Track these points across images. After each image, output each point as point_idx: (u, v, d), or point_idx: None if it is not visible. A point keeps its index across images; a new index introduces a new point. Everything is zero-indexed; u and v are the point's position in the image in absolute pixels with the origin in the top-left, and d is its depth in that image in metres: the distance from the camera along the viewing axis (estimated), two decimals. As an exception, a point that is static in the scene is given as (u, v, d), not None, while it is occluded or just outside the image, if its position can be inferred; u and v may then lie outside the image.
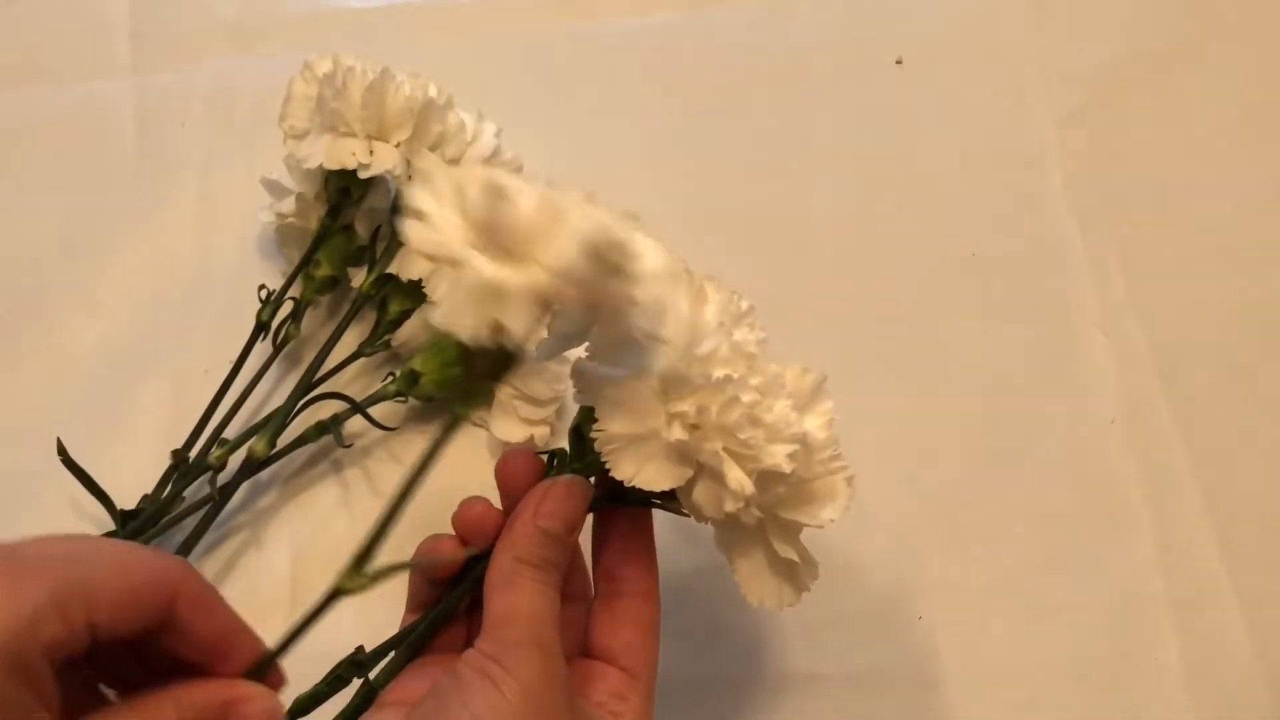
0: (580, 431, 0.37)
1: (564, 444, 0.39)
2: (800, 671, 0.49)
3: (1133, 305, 0.56)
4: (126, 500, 0.49)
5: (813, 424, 0.36)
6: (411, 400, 0.50)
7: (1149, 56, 0.62)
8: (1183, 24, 0.63)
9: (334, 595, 0.32)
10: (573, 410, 0.45)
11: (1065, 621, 0.50)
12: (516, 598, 0.35)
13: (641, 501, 0.38)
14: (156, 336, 0.55)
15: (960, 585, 0.51)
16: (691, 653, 0.49)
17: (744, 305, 0.36)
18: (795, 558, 0.36)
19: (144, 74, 0.60)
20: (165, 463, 0.50)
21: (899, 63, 0.61)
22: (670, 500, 0.37)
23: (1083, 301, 0.56)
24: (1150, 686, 0.49)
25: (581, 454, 0.37)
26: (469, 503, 0.38)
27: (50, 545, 0.32)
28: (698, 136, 0.60)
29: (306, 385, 0.49)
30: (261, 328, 0.51)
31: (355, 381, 0.53)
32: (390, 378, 0.50)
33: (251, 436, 0.48)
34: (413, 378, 0.49)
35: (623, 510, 0.38)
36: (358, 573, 0.32)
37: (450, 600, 0.38)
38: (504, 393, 0.49)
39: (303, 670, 0.36)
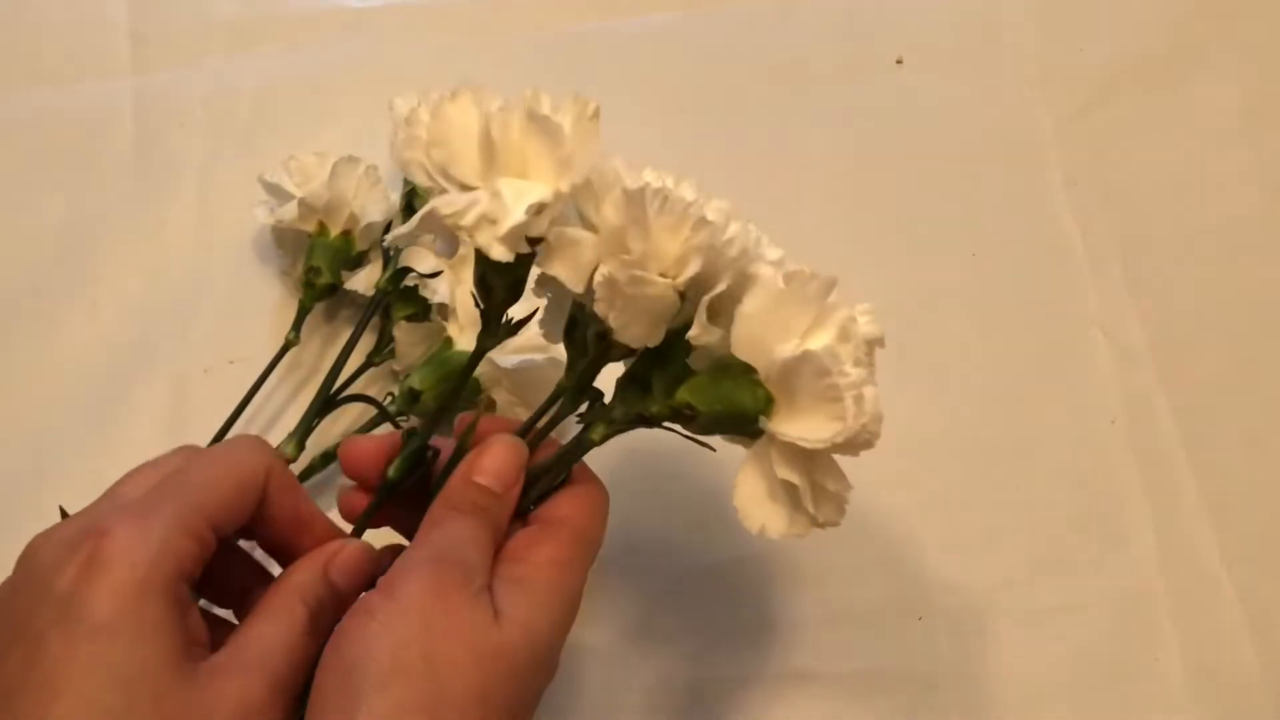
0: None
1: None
2: (800, 671, 0.49)
3: (1133, 305, 0.56)
4: (126, 500, 0.49)
5: (823, 338, 0.34)
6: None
7: (1149, 56, 0.62)
8: (1183, 24, 0.63)
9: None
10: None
11: (1065, 621, 0.50)
12: (434, 530, 0.35)
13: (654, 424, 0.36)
14: (156, 336, 0.54)
15: (960, 585, 0.51)
16: (691, 653, 0.49)
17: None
18: (795, 480, 0.33)
19: (144, 74, 0.60)
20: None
21: (899, 63, 0.61)
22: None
23: (1083, 301, 0.56)
24: (1150, 686, 0.49)
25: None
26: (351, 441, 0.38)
27: (147, 474, 0.35)
28: (698, 136, 0.60)
29: (327, 390, 0.49)
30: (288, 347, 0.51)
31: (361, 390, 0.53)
32: (389, 398, 0.49)
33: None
34: (413, 396, 0.49)
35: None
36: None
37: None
38: (502, 399, 0.49)
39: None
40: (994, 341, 0.55)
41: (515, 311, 0.37)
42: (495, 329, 0.37)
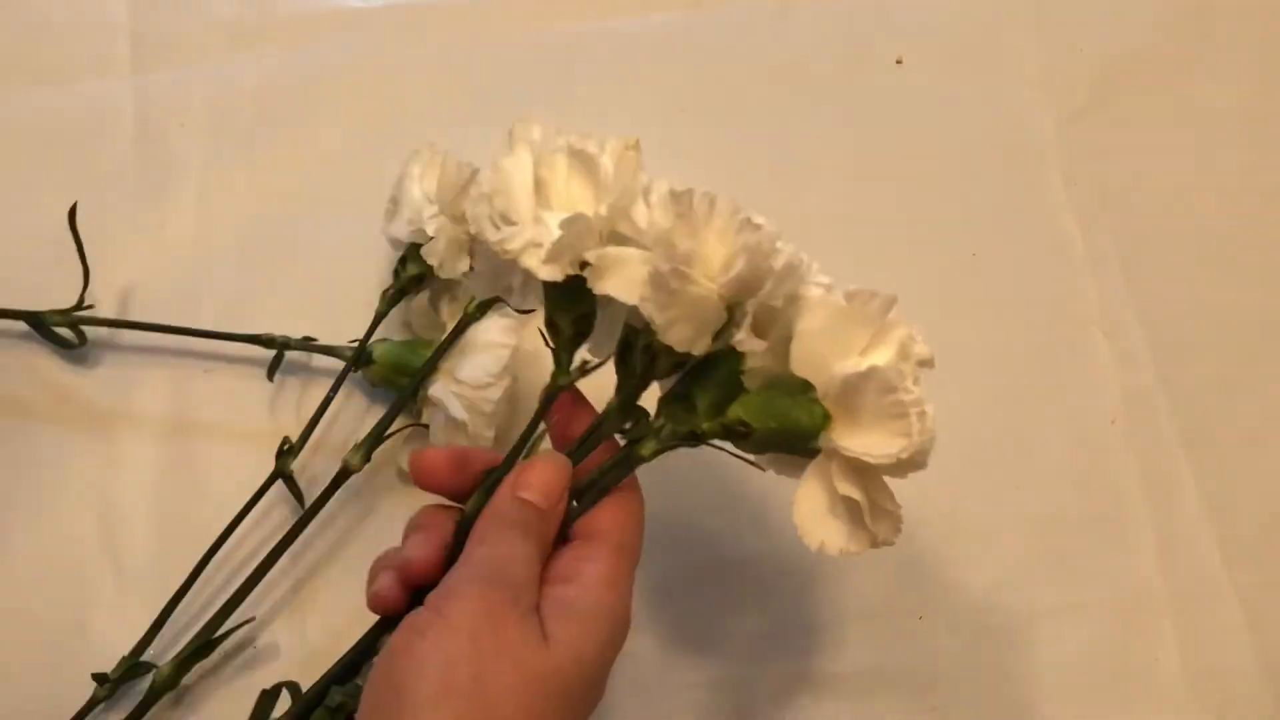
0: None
1: None
2: (800, 671, 0.49)
3: (1133, 305, 0.56)
4: (126, 498, 0.49)
5: (885, 355, 0.34)
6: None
7: (1149, 56, 0.62)
8: (1183, 24, 0.62)
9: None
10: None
11: (1065, 621, 0.50)
12: (480, 547, 0.35)
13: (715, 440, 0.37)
14: (155, 336, 0.54)
15: (960, 585, 0.51)
16: (691, 652, 0.49)
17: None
18: (856, 496, 0.34)
19: (144, 74, 0.60)
20: (165, 464, 0.50)
21: (899, 63, 0.61)
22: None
23: (1083, 301, 0.56)
24: (1150, 686, 0.49)
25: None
26: (427, 453, 0.39)
27: None
28: (698, 136, 0.60)
29: (401, 402, 0.49)
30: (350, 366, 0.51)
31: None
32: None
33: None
34: (366, 359, 0.50)
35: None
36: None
37: None
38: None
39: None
40: (994, 341, 0.55)
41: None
42: (566, 366, 0.38)
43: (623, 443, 0.37)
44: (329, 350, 0.52)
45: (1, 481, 0.52)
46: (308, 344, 0.52)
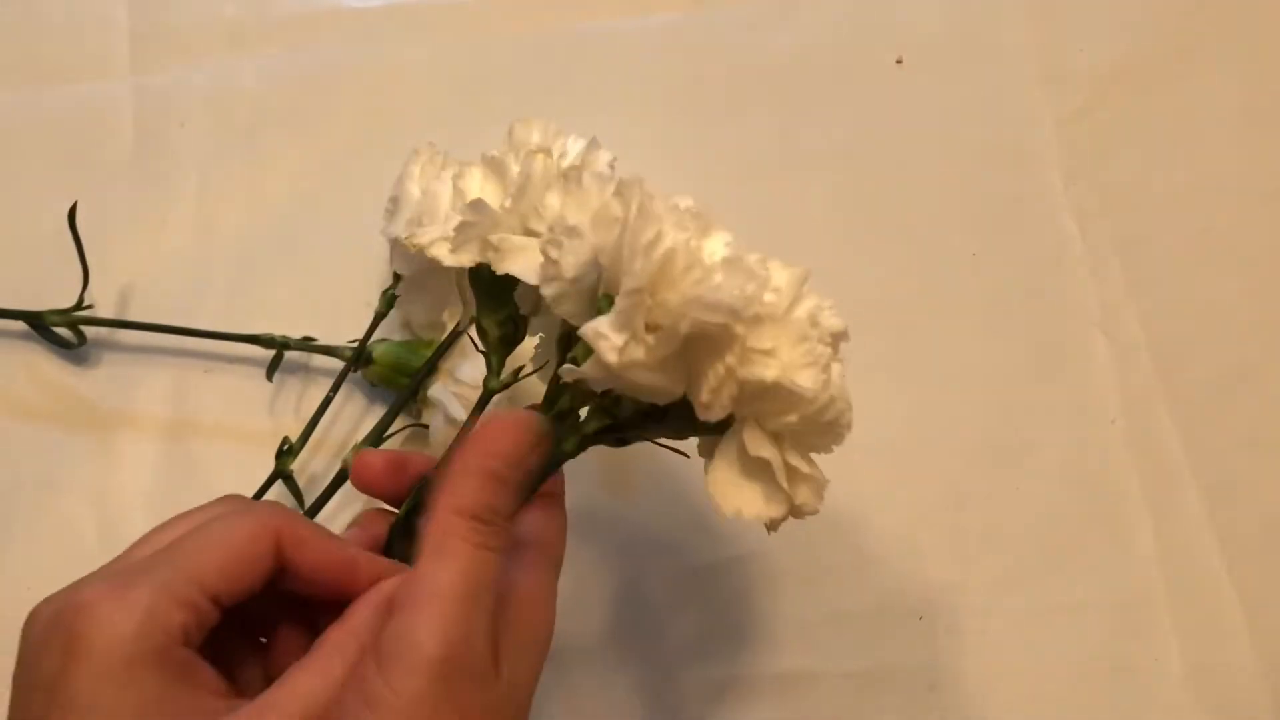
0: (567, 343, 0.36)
1: None
2: (800, 671, 0.49)
3: (1133, 305, 0.56)
4: (126, 498, 0.49)
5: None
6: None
7: (1149, 56, 0.62)
8: (1183, 24, 0.62)
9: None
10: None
11: (1065, 621, 0.50)
12: (443, 571, 0.30)
13: (639, 432, 0.36)
14: (155, 336, 0.54)
15: (960, 585, 0.51)
16: (690, 652, 0.49)
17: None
18: (767, 455, 0.33)
19: (144, 74, 0.60)
20: (165, 464, 0.50)
21: (899, 63, 0.61)
22: (671, 424, 0.35)
23: (1083, 301, 0.56)
24: (1150, 686, 0.49)
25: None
26: (363, 456, 0.37)
27: (146, 544, 0.33)
28: (697, 136, 0.60)
29: (401, 402, 0.49)
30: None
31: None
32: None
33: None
34: (366, 359, 0.49)
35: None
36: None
37: None
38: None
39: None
40: (994, 341, 0.55)
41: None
42: (496, 370, 0.38)
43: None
44: (329, 350, 0.52)
45: (1, 481, 0.52)
46: (308, 344, 0.52)
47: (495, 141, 0.42)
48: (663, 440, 0.37)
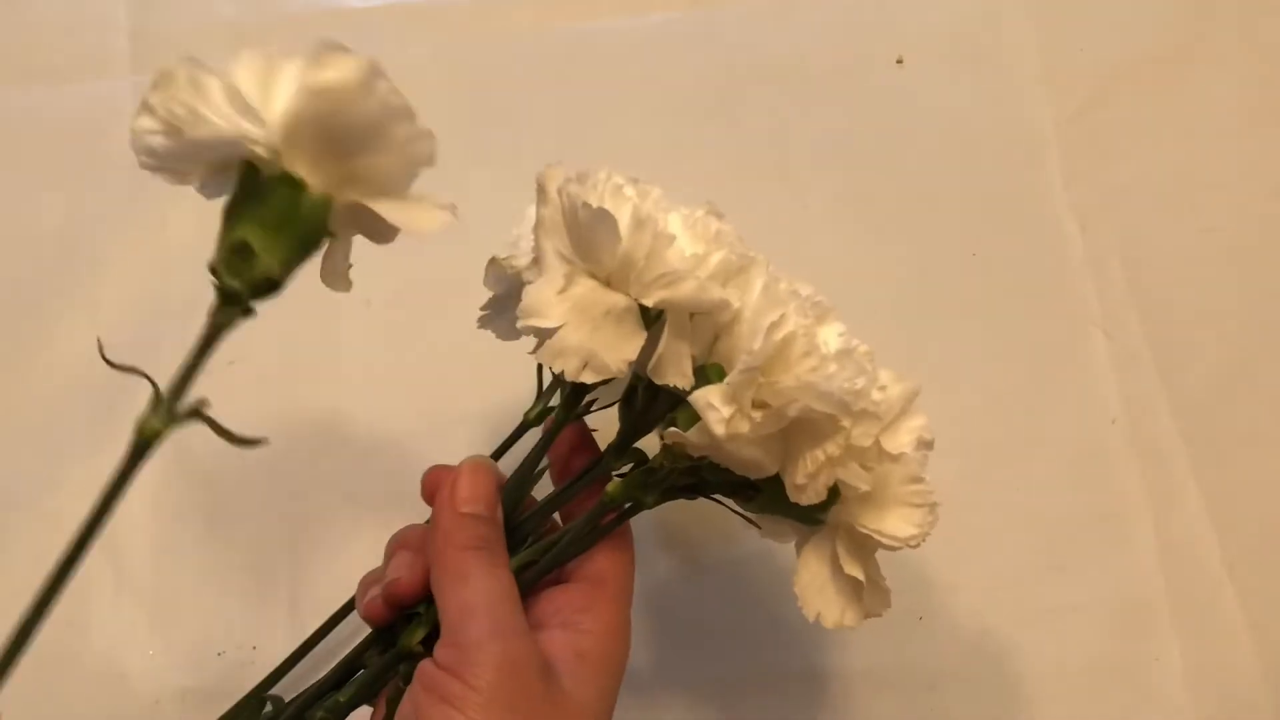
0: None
1: None
2: (800, 671, 0.49)
3: (1133, 305, 0.56)
4: (126, 498, 0.49)
5: (901, 441, 0.35)
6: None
7: (1149, 56, 0.62)
8: (1183, 24, 0.62)
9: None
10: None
11: (1065, 621, 0.50)
12: (466, 590, 0.34)
13: (718, 490, 0.37)
14: (156, 336, 0.54)
15: (960, 585, 0.51)
16: (691, 652, 0.49)
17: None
18: (858, 575, 0.35)
19: (144, 74, 0.60)
20: (166, 464, 0.50)
21: (899, 63, 0.61)
22: (761, 501, 0.36)
23: (1083, 301, 0.56)
24: (1150, 686, 0.49)
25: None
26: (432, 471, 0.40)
27: None
28: (697, 136, 0.60)
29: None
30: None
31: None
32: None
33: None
34: (241, 251, 0.44)
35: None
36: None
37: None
38: None
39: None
40: (994, 341, 0.55)
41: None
42: (562, 401, 0.38)
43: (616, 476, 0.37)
44: None
45: (1, 481, 0.52)
46: None
47: (495, 141, 0.42)
48: (736, 508, 0.37)
